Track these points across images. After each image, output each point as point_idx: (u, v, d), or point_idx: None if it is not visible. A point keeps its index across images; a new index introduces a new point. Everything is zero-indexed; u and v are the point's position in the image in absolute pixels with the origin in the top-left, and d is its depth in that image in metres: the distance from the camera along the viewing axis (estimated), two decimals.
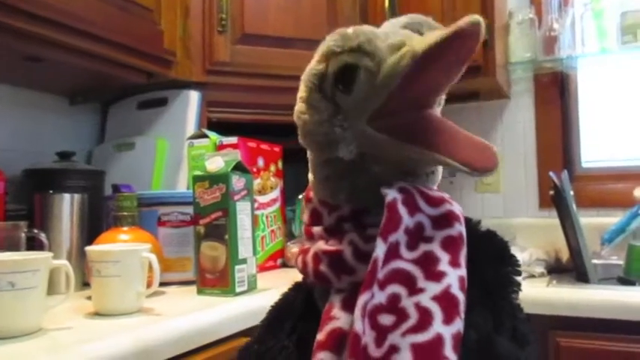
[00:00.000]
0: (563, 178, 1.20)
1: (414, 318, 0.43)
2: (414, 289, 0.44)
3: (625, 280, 1.26)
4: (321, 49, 0.48)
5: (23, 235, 0.91)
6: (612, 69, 1.61)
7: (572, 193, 1.21)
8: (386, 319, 0.43)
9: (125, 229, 0.95)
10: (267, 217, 1.28)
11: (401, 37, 0.46)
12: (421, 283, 0.44)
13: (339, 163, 0.49)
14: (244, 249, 0.95)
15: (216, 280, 0.93)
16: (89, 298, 0.87)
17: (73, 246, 1.00)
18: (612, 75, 1.61)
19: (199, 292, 0.95)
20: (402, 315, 0.43)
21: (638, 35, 1.42)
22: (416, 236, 0.46)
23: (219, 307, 0.85)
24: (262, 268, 1.22)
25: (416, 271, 0.45)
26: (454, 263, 0.45)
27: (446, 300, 0.43)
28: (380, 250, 0.44)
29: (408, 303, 0.43)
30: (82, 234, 1.02)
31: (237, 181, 0.95)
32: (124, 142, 1.34)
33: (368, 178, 0.49)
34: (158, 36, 1.20)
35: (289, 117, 1.69)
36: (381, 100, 0.45)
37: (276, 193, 1.32)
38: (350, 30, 0.47)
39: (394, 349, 0.42)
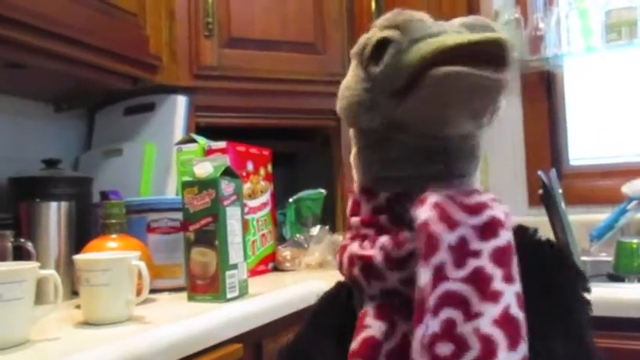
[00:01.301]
0: (551, 177, 1.21)
1: (476, 349, 0.40)
2: (469, 314, 0.41)
3: (614, 277, 1.27)
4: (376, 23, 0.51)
5: (10, 244, 0.89)
6: (598, 67, 1.62)
7: (560, 191, 1.21)
8: (444, 349, 0.41)
9: (114, 236, 0.94)
10: (257, 221, 1.27)
11: (442, 29, 0.46)
12: (476, 305, 0.41)
13: (369, 136, 0.51)
14: (235, 254, 0.95)
15: (206, 286, 0.92)
16: (78, 307, 0.86)
17: (61, 254, 0.99)
18: (598, 73, 1.63)
19: (190, 298, 0.94)
20: (461, 344, 0.40)
21: (623, 33, 1.44)
22: (461, 252, 0.42)
23: (210, 313, 0.84)
24: (253, 273, 1.21)
25: (468, 292, 0.41)
26: (508, 278, 0.41)
27: (507, 323, 0.40)
28: (424, 277, 0.41)
29: (466, 329, 0.41)
30: (69, 242, 1.01)
31: (227, 186, 0.94)
32: (111, 149, 1.33)
33: (396, 148, 0.49)
34: (143, 41, 1.19)
35: (277, 120, 1.68)
36: (402, 80, 0.45)
37: (266, 197, 1.31)
38: (405, 11, 0.48)
39: None
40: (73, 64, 1.05)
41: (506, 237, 0.43)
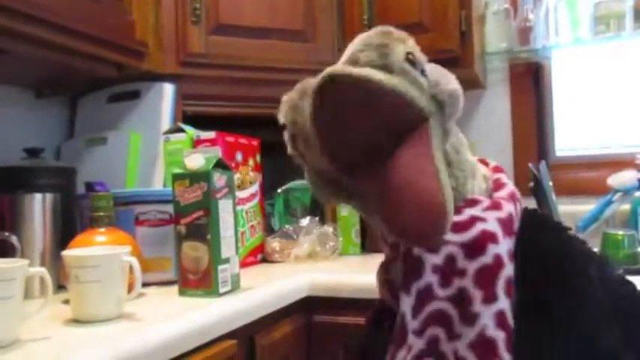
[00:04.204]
0: (541, 169, 1.21)
1: None
2: (452, 333, 0.43)
3: None
4: None
5: None
6: (586, 58, 1.63)
7: (550, 183, 1.22)
8: None
9: (102, 230, 0.91)
10: (246, 212, 1.25)
11: None
12: (457, 327, 0.43)
13: None
14: (227, 248, 0.93)
15: (198, 281, 0.90)
16: (66, 302, 0.83)
17: (46, 248, 0.96)
18: (586, 64, 1.64)
19: (181, 293, 0.92)
20: None
21: (611, 25, 1.44)
22: (448, 271, 0.44)
23: (203, 308, 0.82)
24: (243, 264, 1.19)
25: (452, 311, 0.44)
26: (488, 299, 0.43)
27: (481, 346, 0.42)
28: (406, 305, 0.43)
29: (447, 349, 0.43)
30: (55, 235, 0.98)
31: (219, 179, 0.92)
32: (94, 137, 1.29)
33: None
34: (129, 26, 1.15)
35: (266, 109, 1.64)
36: None
37: (255, 188, 1.29)
38: None
39: None
40: (56, 50, 1.01)
41: (493, 252, 0.44)
